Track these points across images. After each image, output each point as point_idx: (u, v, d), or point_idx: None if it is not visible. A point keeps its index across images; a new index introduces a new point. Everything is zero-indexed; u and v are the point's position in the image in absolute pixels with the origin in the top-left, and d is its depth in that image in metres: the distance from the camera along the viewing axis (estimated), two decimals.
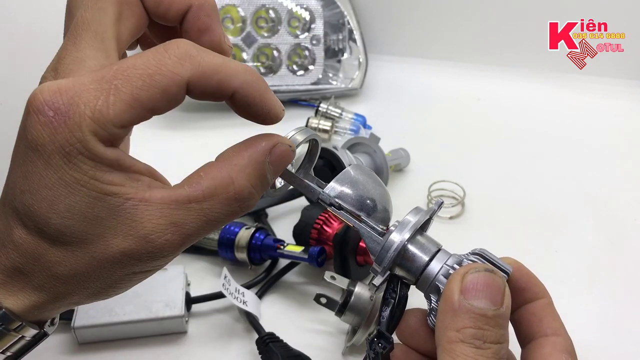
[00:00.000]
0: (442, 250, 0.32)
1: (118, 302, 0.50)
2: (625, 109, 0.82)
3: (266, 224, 0.61)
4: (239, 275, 0.55)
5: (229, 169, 0.28)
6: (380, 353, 0.32)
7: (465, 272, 0.29)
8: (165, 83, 0.26)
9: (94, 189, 0.25)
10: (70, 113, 0.25)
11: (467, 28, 0.92)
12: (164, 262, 0.28)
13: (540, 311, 0.32)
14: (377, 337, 0.32)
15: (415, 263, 0.31)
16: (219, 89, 0.27)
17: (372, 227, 0.32)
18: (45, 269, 0.26)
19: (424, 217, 0.32)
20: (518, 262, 0.33)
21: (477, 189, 0.65)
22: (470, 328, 0.28)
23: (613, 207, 0.64)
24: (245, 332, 0.51)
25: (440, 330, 0.29)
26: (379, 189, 0.34)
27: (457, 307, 0.28)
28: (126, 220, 0.26)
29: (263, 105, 0.29)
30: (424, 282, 0.32)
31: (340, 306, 0.47)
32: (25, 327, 0.28)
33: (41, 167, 0.25)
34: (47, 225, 0.26)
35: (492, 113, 0.83)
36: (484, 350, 0.28)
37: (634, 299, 0.52)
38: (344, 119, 0.77)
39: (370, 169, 0.35)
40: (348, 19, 0.85)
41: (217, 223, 0.28)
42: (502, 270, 0.31)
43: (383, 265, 0.31)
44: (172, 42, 0.27)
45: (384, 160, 0.63)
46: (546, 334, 0.31)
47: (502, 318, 0.28)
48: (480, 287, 0.28)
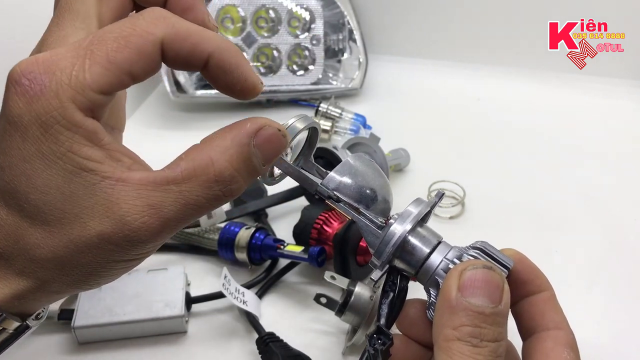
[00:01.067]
0: (442, 242, 0.31)
1: (118, 302, 0.50)
2: (625, 109, 0.82)
3: (266, 224, 0.61)
4: (239, 275, 0.55)
5: (210, 150, 0.27)
6: (380, 350, 0.31)
7: (464, 269, 0.29)
8: (140, 43, 0.25)
9: (70, 163, 0.25)
10: (46, 81, 0.24)
11: (467, 28, 0.92)
12: (144, 249, 0.27)
13: (542, 304, 0.32)
14: (376, 334, 0.31)
15: (415, 255, 0.31)
16: (192, 51, 0.27)
17: (370, 220, 0.31)
18: (25, 252, 0.26)
19: (425, 208, 0.32)
20: (520, 254, 0.33)
21: (477, 189, 0.65)
22: (468, 326, 0.27)
23: (613, 207, 0.64)
24: (245, 332, 0.51)
25: (438, 328, 0.28)
26: (380, 179, 0.33)
27: (454, 305, 0.28)
28: (102, 200, 0.25)
29: (239, 72, 0.28)
30: (423, 275, 0.31)
31: (340, 306, 0.47)
32: (6, 319, 0.28)
33: (19, 140, 0.25)
34: (27, 202, 0.25)
35: (492, 113, 0.83)
36: (481, 348, 0.27)
37: (633, 299, 0.52)
38: (344, 119, 0.77)
39: (370, 159, 0.34)
40: (348, 19, 0.85)
41: (197, 207, 0.27)
42: (502, 264, 0.30)
43: (382, 258, 0.31)
44: (147, 9, 0.27)
45: (384, 160, 0.63)
46: (548, 328, 0.31)
47: (500, 316, 0.28)
48: (478, 284, 0.28)
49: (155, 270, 0.53)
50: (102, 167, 0.25)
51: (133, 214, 0.26)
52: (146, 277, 0.52)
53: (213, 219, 0.57)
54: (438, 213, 0.63)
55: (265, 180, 0.32)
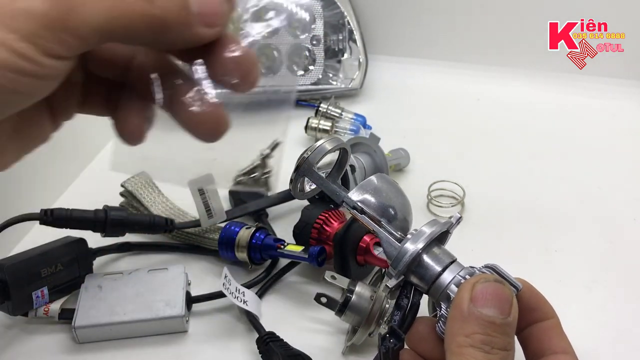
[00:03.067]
0: (455, 262, 0.34)
1: (118, 302, 0.50)
2: (625, 109, 0.82)
3: (266, 223, 0.61)
4: (239, 274, 0.55)
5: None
6: (391, 348, 0.33)
7: (476, 282, 0.30)
8: None
9: None
10: None
11: (467, 28, 0.92)
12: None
13: (549, 331, 0.33)
14: (390, 334, 0.34)
15: (428, 271, 0.33)
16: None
17: (390, 233, 0.34)
18: None
19: (439, 228, 0.34)
20: (528, 283, 0.35)
21: (477, 189, 0.65)
22: (479, 334, 0.29)
23: (613, 207, 0.64)
24: (246, 332, 0.51)
25: (450, 336, 0.30)
26: (401, 198, 0.35)
27: (466, 314, 0.29)
28: None
29: None
30: (435, 291, 0.33)
31: (340, 306, 0.47)
32: None
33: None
34: None
35: (492, 113, 0.83)
36: (493, 355, 0.29)
37: (633, 299, 0.53)
38: (344, 119, 0.77)
39: (393, 180, 0.36)
40: (348, 19, 0.85)
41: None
42: (511, 284, 0.32)
43: (398, 269, 0.33)
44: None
45: (384, 160, 0.63)
46: (554, 352, 0.32)
47: (509, 327, 0.30)
48: (489, 297, 0.30)
49: (155, 270, 0.53)
50: None
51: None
52: (146, 277, 0.52)
53: (213, 218, 0.57)
54: (438, 213, 0.63)
55: (297, 194, 0.36)
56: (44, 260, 0.49)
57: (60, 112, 0.29)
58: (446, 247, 0.35)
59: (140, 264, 0.57)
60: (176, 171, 0.38)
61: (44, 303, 0.50)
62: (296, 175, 0.35)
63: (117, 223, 0.55)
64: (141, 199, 0.60)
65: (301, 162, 0.35)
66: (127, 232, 0.56)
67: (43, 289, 0.49)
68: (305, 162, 0.35)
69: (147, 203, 0.60)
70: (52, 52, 0.23)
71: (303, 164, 0.35)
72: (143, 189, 0.61)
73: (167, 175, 0.40)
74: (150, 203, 0.60)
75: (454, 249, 0.38)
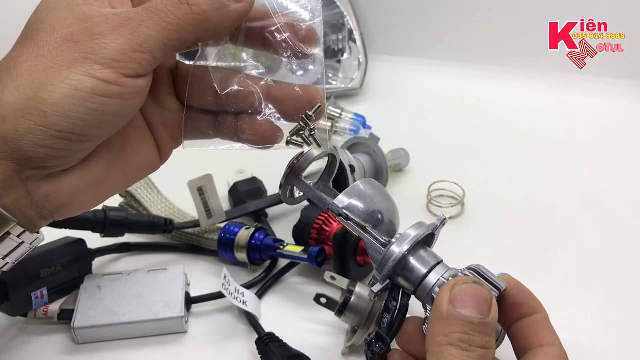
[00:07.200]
0: (441, 264, 0.34)
1: (118, 303, 0.50)
2: (625, 109, 0.82)
3: (266, 224, 0.61)
4: (239, 275, 0.55)
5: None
6: (378, 353, 0.34)
7: (454, 284, 0.31)
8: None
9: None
10: None
11: (467, 28, 0.92)
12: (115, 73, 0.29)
13: (536, 325, 0.34)
14: (375, 339, 0.34)
15: (414, 274, 0.34)
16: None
17: (375, 238, 0.34)
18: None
19: (424, 231, 0.34)
20: (514, 280, 0.35)
21: (477, 189, 0.65)
22: (458, 333, 0.30)
23: (612, 207, 0.64)
24: (245, 332, 0.51)
25: (430, 336, 0.31)
26: (387, 202, 0.36)
27: (446, 316, 0.30)
28: (79, 14, 0.30)
29: None
30: (422, 292, 0.34)
31: (340, 306, 0.47)
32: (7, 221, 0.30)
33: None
34: None
35: (492, 113, 0.83)
36: (471, 352, 0.29)
37: (633, 299, 0.52)
38: (344, 119, 0.77)
39: (379, 184, 0.37)
40: (348, 19, 0.85)
41: (172, 25, 0.30)
42: (493, 285, 0.33)
43: (383, 273, 0.34)
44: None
45: (384, 160, 0.63)
46: (541, 345, 0.33)
47: (488, 326, 0.30)
48: (468, 298, 0.31)
49: (155, 271, 0.53)
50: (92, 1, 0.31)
51: (99, 15, 0.30)
52: (146, 278, 0.52)
53: (213, 219, 0.57)
54: (438, 213, 0.63)
55: (287, 200, 0.36)
56: (43, 261, 0.49)
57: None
58: (433, 250, 0.36)
59: (140, 265, 0.57)
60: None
61: (43, 304, 0.50)
62: (284, 183, 0.36)
63: (117, 223, 0.55)
64: (140, 200, 0.60)
65: (288, 170, 0.35)
66: (127, 232, 0.56)
67: (42, 289, 0.49)
68: (292, 170, 0.35)
69: (147, 203, 0.60)
70: (129, 72, 0.29)
71: (290, 172, 0.35)
72: (142, 189, 0.61)
73: None
74: (149, 203, 0.60)
75: (454, 249, 0.37)
